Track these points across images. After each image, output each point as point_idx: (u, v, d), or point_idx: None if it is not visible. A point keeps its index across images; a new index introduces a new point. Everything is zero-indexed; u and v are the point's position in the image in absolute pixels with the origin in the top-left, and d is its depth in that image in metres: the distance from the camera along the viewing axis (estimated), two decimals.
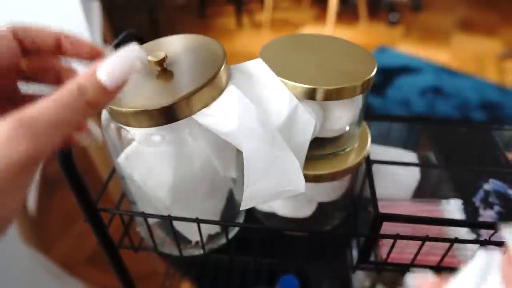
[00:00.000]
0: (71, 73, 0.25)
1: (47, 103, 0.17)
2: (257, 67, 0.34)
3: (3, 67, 0.22)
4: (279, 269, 0.63)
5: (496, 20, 2.39)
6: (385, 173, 0.44)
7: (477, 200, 0.42)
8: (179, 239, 0.39)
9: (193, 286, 0.70)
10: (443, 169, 0.47)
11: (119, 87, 0.19)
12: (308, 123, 0.33)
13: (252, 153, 0.29)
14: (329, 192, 0.42)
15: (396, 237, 0.35)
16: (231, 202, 0.41)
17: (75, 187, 0.31)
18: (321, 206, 0.43)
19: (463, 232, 0.39)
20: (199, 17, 2.63)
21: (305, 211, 0.44)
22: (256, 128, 0.29)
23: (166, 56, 0.31)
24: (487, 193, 0.41)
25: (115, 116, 0.30)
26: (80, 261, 1.13)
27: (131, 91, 0.31)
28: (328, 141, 0.39)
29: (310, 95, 0.33)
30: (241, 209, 0.31)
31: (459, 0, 2.71)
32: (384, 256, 0.38)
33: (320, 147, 0.38)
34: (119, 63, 0.19)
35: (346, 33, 2.30)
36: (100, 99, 0.19)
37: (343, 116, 0.36)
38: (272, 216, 0.45)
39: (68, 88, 0.18)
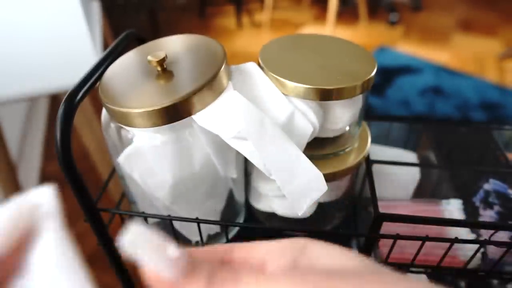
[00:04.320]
0: None
1: None
2: (253, 71, 0.34)
3: None
4: None
5: (496, 20, 2.39)
6: (385, 173, 0.44)
7: (477, 200, 0.42)
8: (179, 239, 0.39)
9: None
10: (443, 169, 0.47)
11: None
12: (305, 128, 0.33)
13: (267, 154, 0.29)
14: (329, 192, 0.42)
15: (396, 237, 0.35)
16: (231, 202, 0.41)
17: (75, 187, 0.31)
18: (321, 206, 0.43)
19: (463, 232, 0.39)
20: (199, 17, 2.63)
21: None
22: (261, 128, 0.29)
23: (166, 56, 0.31)
24: (487, 193, 0.41)
25: (115, 116, 0.30)
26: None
27: (131, 91, 0.31)
28: (328, 141, 0.39)
29: (310, 95, 0.33)
30: (299, 214, 0.31)
31: (459, 0, 2.71)
32: (384, 256, 0.38)
33: (320, 147, 0.38)
34: None
35: (346, 33, 2.30)
36: None
37: (343, 116, 0.36)
38: (272, 216, 0.45)
39: None
